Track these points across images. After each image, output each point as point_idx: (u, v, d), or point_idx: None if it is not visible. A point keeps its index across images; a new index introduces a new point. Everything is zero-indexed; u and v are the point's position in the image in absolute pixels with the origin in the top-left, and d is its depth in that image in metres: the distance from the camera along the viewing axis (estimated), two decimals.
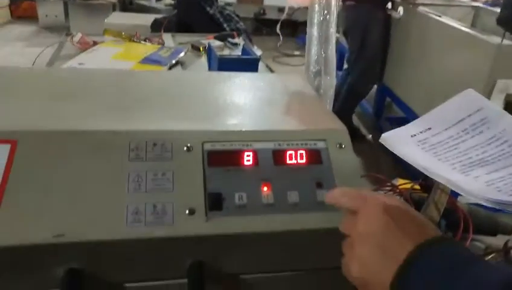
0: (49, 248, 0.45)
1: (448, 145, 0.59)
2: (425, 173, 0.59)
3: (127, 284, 0.50)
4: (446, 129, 0.61)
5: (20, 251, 0.44)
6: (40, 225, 0.45)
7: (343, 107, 2.84)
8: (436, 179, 0.57)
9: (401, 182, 1.00)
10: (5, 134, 0.49)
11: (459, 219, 0.83)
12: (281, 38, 2.85)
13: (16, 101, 0.59)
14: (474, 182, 0.53)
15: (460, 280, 0.37)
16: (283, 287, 0.55)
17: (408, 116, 2.61)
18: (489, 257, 0.83)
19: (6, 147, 0.49)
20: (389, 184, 0.98)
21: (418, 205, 0.88)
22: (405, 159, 0.60)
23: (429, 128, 0.62)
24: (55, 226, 0.45)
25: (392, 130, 0.65)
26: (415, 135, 0.63)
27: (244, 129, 0.57)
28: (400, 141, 0.62)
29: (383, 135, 0.65)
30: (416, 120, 0.65)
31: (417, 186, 0.96)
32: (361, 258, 0.43)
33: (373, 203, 0.45)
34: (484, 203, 0.49)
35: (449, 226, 0.89)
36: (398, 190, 0.95)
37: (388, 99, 3.03)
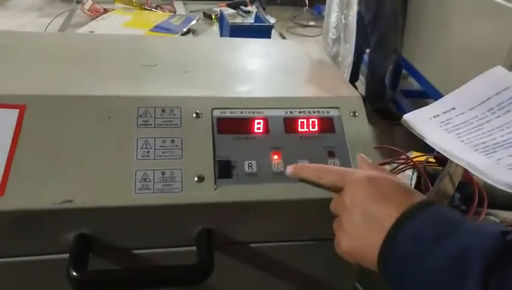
0: (57, 213, 0.45)
1: (472, 126, 0.57)
2: (446, 155, 0.57)
3: (136, 251, 0.50)
4: (471, 109, 0.58)
5: (29, 215, 0.44)
6: (49, 191, 0.45)
7: (373, 89, 2.77)
8: (456, 162, 0.55)
9: (415, 155, 0.98)
10: (14, 98, 0.49)
11: (474, 192, 0.81)
12: (307, 2, 2.69)
13: (25, 66, 0.58)
14: (495, 165, 0.51)
15: (450, 239, 0.36)
16: (293, 256, 0.55)
17: (425, 89, 2.55)
18: None
19: (15, 112, 0.48)
20: (403, 156, 0.96)
21: (433, 178, 0.86)
22: (426, 140, 0.58)
23: (453, 108, 0.60)
24: (63, 192, 0.45)
25: (414, 111, 0.63)
26: (437, 116, 0.61)
27: (254, 96, 0.55)
28: (421, 121, 0.60)
29: (404, 116, 0.63)
30: (439, 100, 0.63)
31: (432, 159, 0.94)
32: (349, 231, 0.43)
33: (356, 176, 0.45)
34: (504, 189, 0.48)
35: (463, 199, 0.88)
36: (412, 163, 0.93)
37: (404, 71, 2.95)
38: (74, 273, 0.44)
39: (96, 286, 0.45)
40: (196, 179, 0.48)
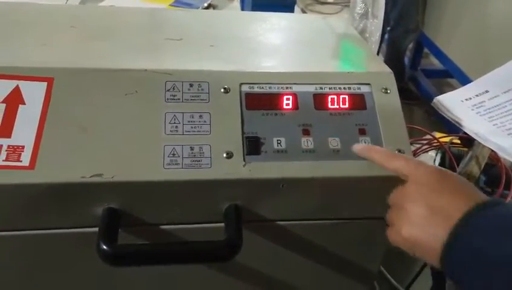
0: (87, 187, 0.45)
1: (505, 109, 0.56)
2: (477, 139, 0.56)
3: (163, 226, 0.50)
4: (505, 92, 0.58)
5: (59, 189, 0.44)
6: (78, 164, 0.45)
7: (391, 68, 2.70)
8: (488, 146, 0.55)
9: (439, 136, 0.96)
10: (42, 71, 0.48)
11: (501, 174, 0.79)
12: None
13: (50, 38, 0.57)
14: None
15: None
16: (320, 235, 0.55)
17: (447, 68, 2.48)
18: None
19: (43, 85, 0.48)
20: (427, 137, 0.94)
21: (458, 159, 0.84)
22: (457, 124, 0.58)
23: (486, 91, 0.59)
24: (92, 166, 0.45)
25: (446, 93, 0.63)
26: (470, 99, 0.60)
27: (283, 70, 0.54)
28: (452, 104, 0.60)
29: (435, 98, 0.63)
30: (472, 83, 0.63)
31: (456, 140, 0.92)
32: (412, 218, 0.43)
33: (425, 167, 0.45)
34: None
35: (488, 182, 0.86)
36: (437, 143, 0.91)
37: (426, 49, 2.87)
38: (104, 247, 0.44)
39: (126, 259, 0.45)
40: (225, 155, 0.47)
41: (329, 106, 0.52)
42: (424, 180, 0.44)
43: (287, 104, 0.51)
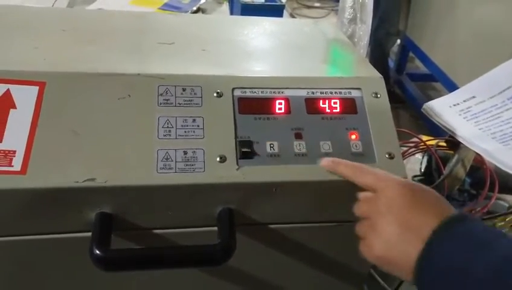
0: (79, 192, 0.45)
1: (491, 114, 0.58)
2: (464, 142, 0.58)
3: (156, 231, 0.50)
4: (491, 98, 0.60)
5: (52, 194, 0.44)
6: (71, 169, 0.45)
7: (376, 68, 2.73)
8: (474, 149, 0.56)
9: (425, 139, 0.98)
10: (34, 75, 0.48)
11: (485, 176, 0.81)
12: None
13: (42, 42, 0.57)
14: (511, 153, 0.52)
15: (488, 253, 0.36)
16: (312, 238, 0.55)
17: (431, 72, 2.52)
18: None
19: (35, 89, 0.48)
20: (413, 140, 0.96)
21: (444, 161, 0.86)
22: (445, 128, 0.59)
23: (473, 97, 0.61)
24: (85, 171, 0.45)
25: (435, 100, 0.65)
26: (457, 104, 0.62)
27: (275, 75, 0.54)
28: (441, 110, 0.62)
29: (425, 104, 0.64)
30: (460, 88, 0.65)
31: (443, 143, 0.93)
32: (385, 236, 0.42)
33: (395, 181, 0.44)
34: None
35: (473, 184, 0.88)
36: (423, 146, 0.93)
37: (411, 54, 2.91)
38: (97, 252, 0.44)
39: (119, 264, 0.45)
40: (218, 159, 0.48)
41: (321, 110, 0.53)
42: (395, 194, 0.43)
43: (280, 109, 0.52)
